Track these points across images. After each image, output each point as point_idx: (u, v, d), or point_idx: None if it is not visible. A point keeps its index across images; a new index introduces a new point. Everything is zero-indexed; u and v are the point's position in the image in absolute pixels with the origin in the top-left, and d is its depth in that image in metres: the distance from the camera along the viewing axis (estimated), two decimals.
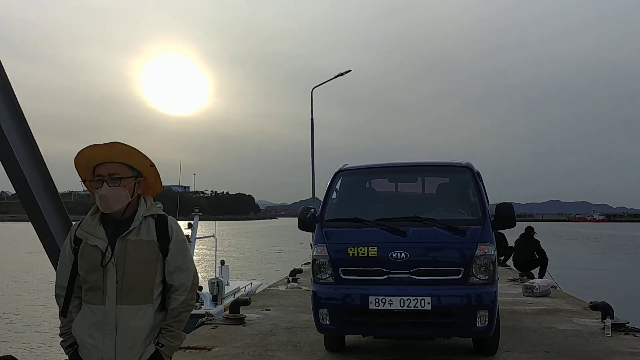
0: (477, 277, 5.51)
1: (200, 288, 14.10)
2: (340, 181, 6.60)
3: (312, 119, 22.02)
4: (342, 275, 5.81)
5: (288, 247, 67.16)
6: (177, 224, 2.84)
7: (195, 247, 17.20)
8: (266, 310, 9.34)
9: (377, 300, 5.57)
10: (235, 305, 8.49)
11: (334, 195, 6.51)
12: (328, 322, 5.83)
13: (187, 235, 16.45)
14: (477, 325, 5.48)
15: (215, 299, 14.30)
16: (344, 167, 6.81)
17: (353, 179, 6.80)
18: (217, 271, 16.58)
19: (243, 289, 16.89)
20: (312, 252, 6.15)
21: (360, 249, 5.74)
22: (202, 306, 13.79)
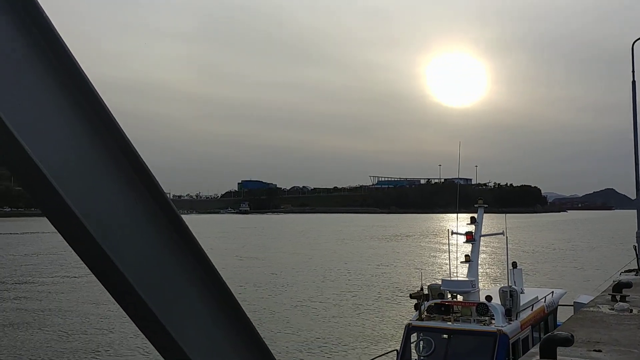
0: None
1: (490, 298, 11.41)
2: None
3: (633, 82, 17.08)
4: None
5: (588, 244, 59.03)
6: None
7: (480, 245, 14.40)
8: (595, 351, 6.28)
9: None
10: (551, 344, 5.67)
11: None
12: None
13: (470, 232, 13.93)
14: None
15: (508, 313, 11.46)
16: None
17: None
18: (509, 276, 13.59)
19: (542, 300, 13.61)
20: None
21: None
22: (493, 321, 11.12)
